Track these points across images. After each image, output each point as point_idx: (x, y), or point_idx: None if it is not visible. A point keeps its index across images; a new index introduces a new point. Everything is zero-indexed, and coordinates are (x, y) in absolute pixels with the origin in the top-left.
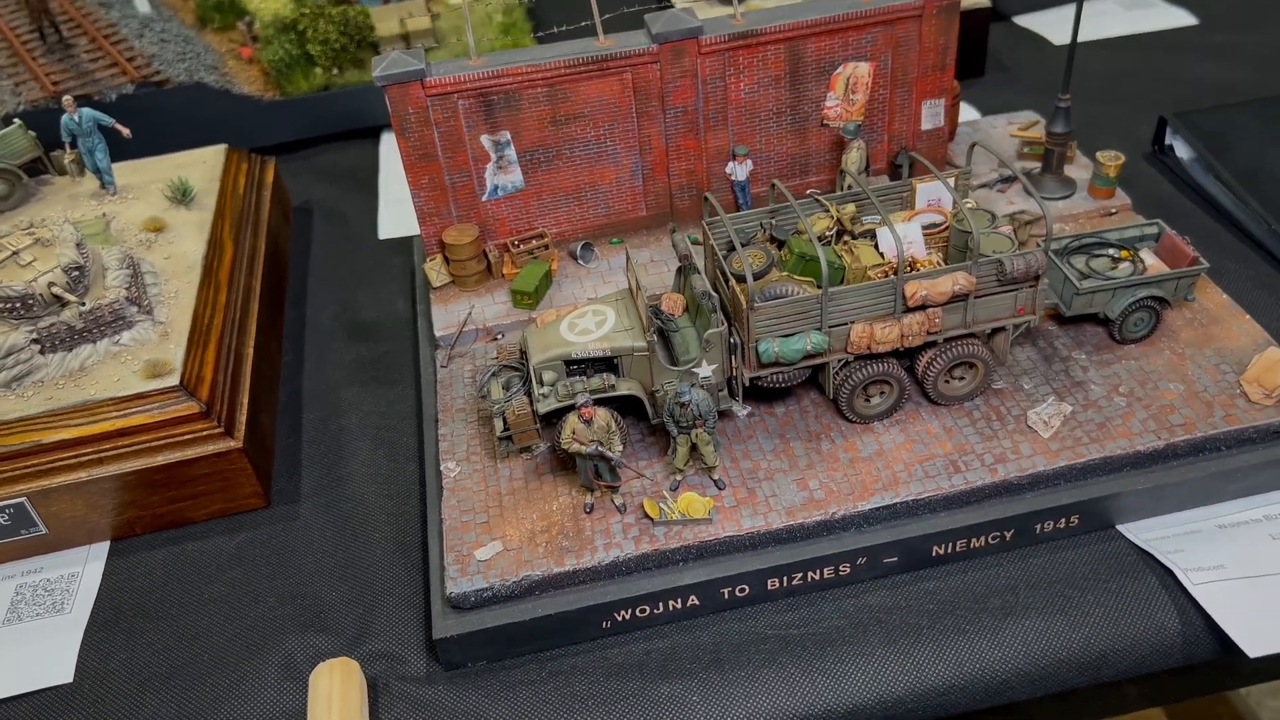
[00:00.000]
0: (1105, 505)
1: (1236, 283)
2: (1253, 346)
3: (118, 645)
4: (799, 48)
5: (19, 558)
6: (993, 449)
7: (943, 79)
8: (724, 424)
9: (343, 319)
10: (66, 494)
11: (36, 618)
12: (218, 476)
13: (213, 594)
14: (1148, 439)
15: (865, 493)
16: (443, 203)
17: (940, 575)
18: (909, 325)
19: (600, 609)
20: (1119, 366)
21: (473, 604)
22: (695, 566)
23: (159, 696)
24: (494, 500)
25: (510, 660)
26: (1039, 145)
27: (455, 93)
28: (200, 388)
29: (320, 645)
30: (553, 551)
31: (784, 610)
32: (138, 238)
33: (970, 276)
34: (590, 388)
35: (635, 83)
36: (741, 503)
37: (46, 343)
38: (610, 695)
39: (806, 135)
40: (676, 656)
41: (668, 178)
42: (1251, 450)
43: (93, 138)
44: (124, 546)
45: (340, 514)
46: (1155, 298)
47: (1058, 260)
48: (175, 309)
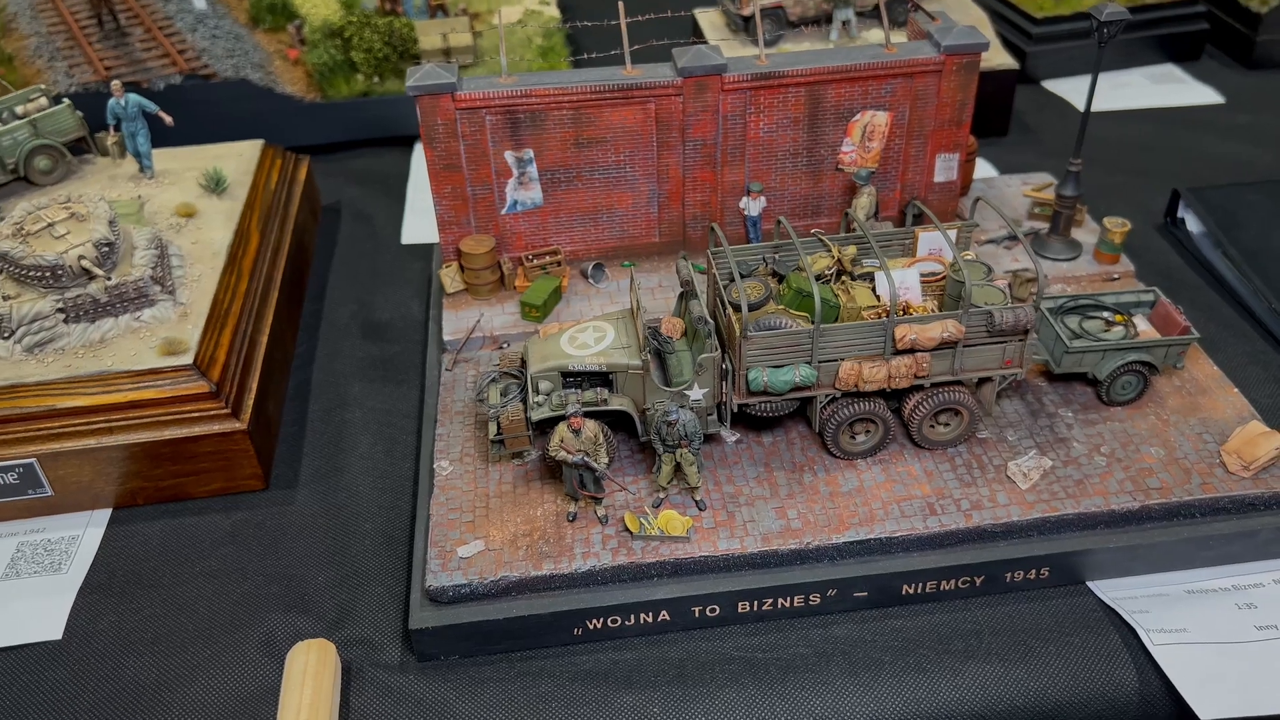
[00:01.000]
0: (1076, 560)
1: (1232, 356)
2: (1237, 419)
3: (108, 608)
4: (819, 92)
5: (23, 517)
6: (970, 495)
7: (958, 134)
8: (711, 448)
9: (358, 316)
10: (75, 459)
11: (34, 575)
12: (220, 456)
13: (204, 568)
14: (1123, 499)
15: (841, 526)
16: (463, 212)
17: (908, 614)
18: (897, 367)
19: (573, 615)
20: (1103, 427)
21: (450, 599)
22: (669, 583)
23: (141, 660)
24: (481, 501)
25: (482, 657)
26: (1049, 206)
27: (484, 108)
28: (212, 369)
29: (301, 626)
30: (532, 555)
31: (752, 633)
32: (169, 221)
33: (960, 325)
34: (583, 400)
35: (658, 113)
36: (720, 525)
37: (71, 313)
38: (574, 700)
39: (820, 177)
40: (643, 669)
41: (682, 207)
42: (1225, 520)
43: (136, 123)
44: (125, 515)
45: (334, 502)
46: (1144, 363)
47: (1051, 318)
48: (196, 292)
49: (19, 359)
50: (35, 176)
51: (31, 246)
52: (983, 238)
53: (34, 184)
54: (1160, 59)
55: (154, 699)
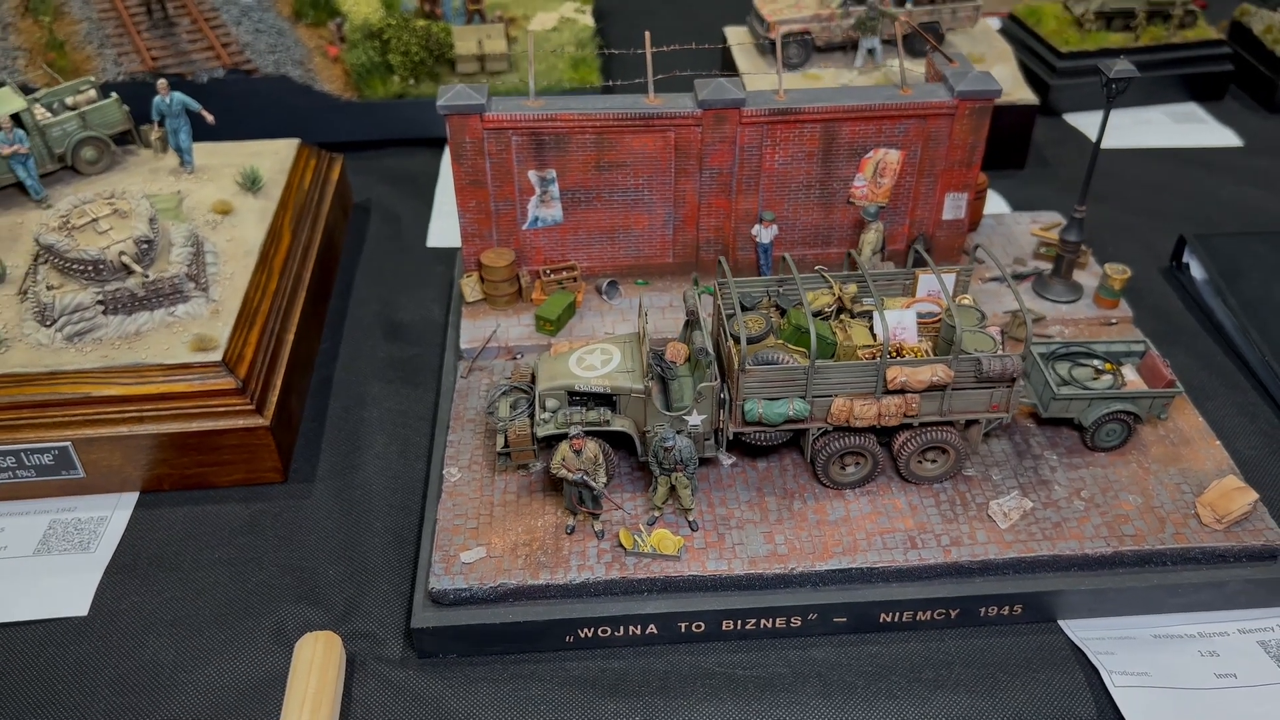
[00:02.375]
0: (1048, 600)
1: (1222, 406)
2: (1215, 471)
3: (132, 588)
4: (834, 129)
5: (57, 495)
6: (950, 531)
7: (968, 175)
8: (707, 471)
9: (381, 317)
10: (107, 445)
11: (64, 552)
12: (243, 449)
13: (222, 555)
14: (1097, 544)
15: (825, 554)
16: (486, 226)
17: (884, 641)
18: (887, 406)
19: (565, 624)
20: (1085, 472)
21: (451, 601)
22: (658, 598)
23: (161, 640)
24: (486, 509)
25: (479, 657)
26: (1054, 248)
27: (510, 129)
28: (240, 366)
29: (310, 617)
30: (530, 564)
31: (734, 651)
32: (205, 218)
33: (949, 370)
34: (587, 419)
35: (677, 141)
36: (710, 546)
37: (110, 305)
38: (561, 704)
39: (832, 210)
40: (628, 678)
41: (697, 231)
42: (1195, 570)
43: (179, 120)
44: (151, 499)
45: (348, 499)
46: (1129, 413)
47: (1042, 363)
48: (229, 290)
49: (59, 347)
50: (81, 166)
51: (76, 240)
52: (987, 275)
53: (80, 173)
54: (1183, 98)
55: (170, 679)
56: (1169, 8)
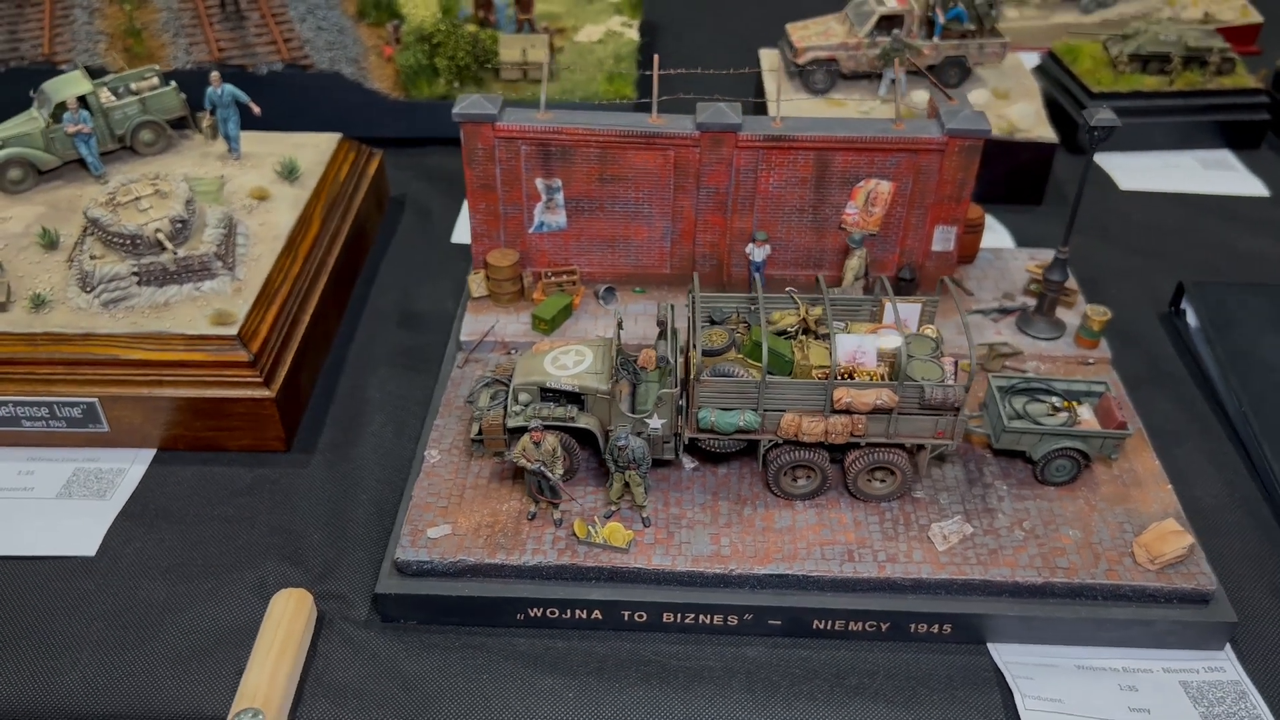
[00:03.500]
0: (977, 622)
1: (1191, 452)
2: (1160, 514)
3: (136, 535)
4: (827, 158)
5: (83, 446)
6: (888, 548)
7: (957, 209)
8: (668, 473)
9: (399, 305)
10: (129, 404)
11: (83, 498)
12: (250, 417)
13: (221, 512)
14: (1029, 573)
15: (765, 559)
16: (494, 227)
17: (816, 646)
18: (834, 424)
19: (515, 602)
20: (1032, 504)
21: (414, 572)
22: (604, 586)
23: (155, 584)
24: (458, 490)
25: (435, 626)
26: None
27: (520, 139)
28: (253, 341)
29: (290, 575)
30: (490, 545)
31: (671, 642)
32: (242, 202)
33: (894, 395)
34: (554, 415)
35: (676, 160)
36: (659, 542)
37: (144, 277)
38: (502, 675)
39: (824, 234)
40: (568, 658)
41: (693, 245)
42: (1125, 606)
43: (229, 109)
44: (166, 456)
45: (341, 471)
46: (1078, 450)
47: (999, 395)
48: (253, 270)
49: (95, 311)
50: (139, 148)
51: (119, 216)
52: (973, 306)
53: (138, 154)
54: (1217, 144)
55: (158, 619)
56: (1205, 53)
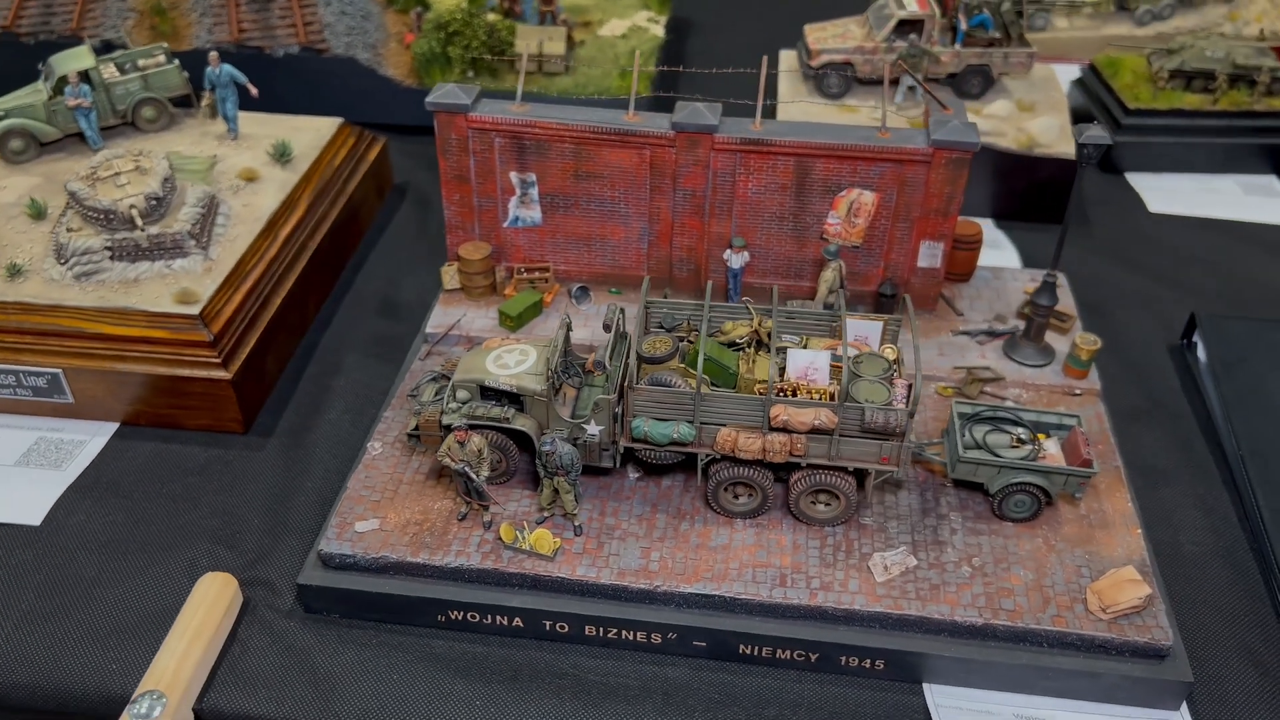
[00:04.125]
0: (912, 660)
1: (1179, 495)
2: (1124, 560)
3: (82, 507)
4: (807, 164)
5: (48, 416)
6: (824, 575)
7: (944, 224)
8: (610, 481)
9: (382, 293)
10: (92, 377)
11: (40, 467)
12: (208, 397)
13: (169, 490)
14: (969, 613)
15: (693, 577)
16: (469, 220)
17: (740, 672)
18: (772, 442)
19: (435, 603)
20: (986, 539)
21: (337, 565)
22: (526, 594)
23: (90, 557)
24: (394, 485)
25: (357, 621)
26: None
27: (493, 131)
28: (215, 322)
29: (223, 558)
30: (415, 543)
31: (591, 656)
32: (230, 182)
33: (833, 415)
34: (489, 414)
35: (653, 160)
36: (587, 552)
37: (117, 252)
38: (413, 676)
39: (805, 243)
40: (484, 664)
41: (670, 249)
42: (1071, 656)
43: (227, 90)
44: (127, 431)
45: (292, 458)
46: (1038, 486)
47: (959, 423)
48: (228, 250)
49: (67, 284)
50: (141, 124)
51: (96, 191)
52: (959, 327)
53: (140, 130)
54: (1263, 169)
55: (87, 593)
56: (1254, 72)
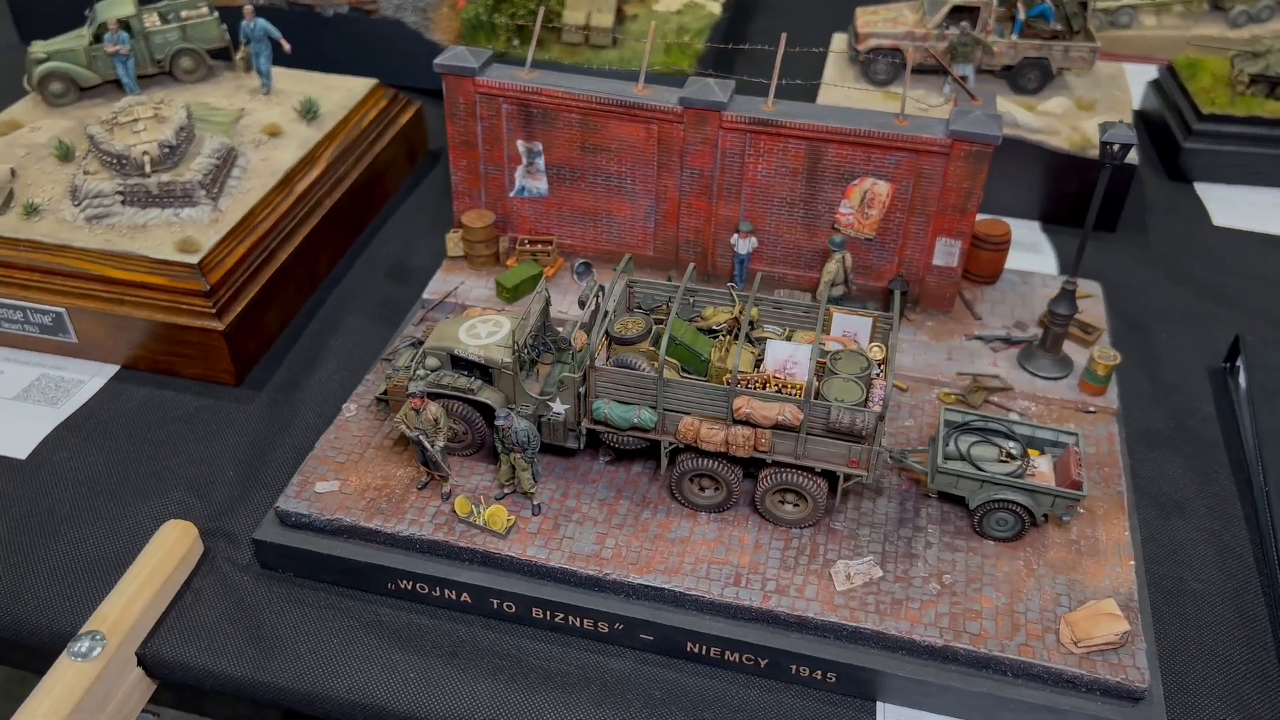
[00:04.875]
0: (866, 676)
1: (1192, 527)
2: (1109, 592)
3: (68, 444)
4: (819, 149)
5: (54, 354)
6: (780, 579)
7: (962, 221)
8: (580, 462)
9: (394, 257)
10: (94, 319)
11: (37, 403)
12: (201, 347)
13: (154, 436)
14: (930, 633)
15: (645, 568)
16: (475, 186)
17: (687, 670)
18: (735, 435)
19: (385, 571)
20: (962, 556)
21: (293, 523)
22: (474, 570)
23: (64, 494)
24: (360, 448)
25: (310, 581)
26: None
27: (500, 96)
28: (214, 273)
29: (191, 506)
30: (370, 509)
31: (536, 639)
32: (253, 136)
33: (798, 412)
34: (456, 384)
35: (660, 135)
36: (541, 533)
37: (128, 197)
38: (354, 642)
39: (815, 232)
40: (427, 637)
41: (677, 229)
42: (1035, 688)
43: (261, 44)
44: (126, 375)
45: (277, 414)
46: (1021, 505)
47: (943, 431)
48: (237, 203)
49: (78, 225)
50: (179, 74)
51: (112, 135)
52: (975, 331)
53: (178, 80)
54: None
55: (55, 529)
56: None
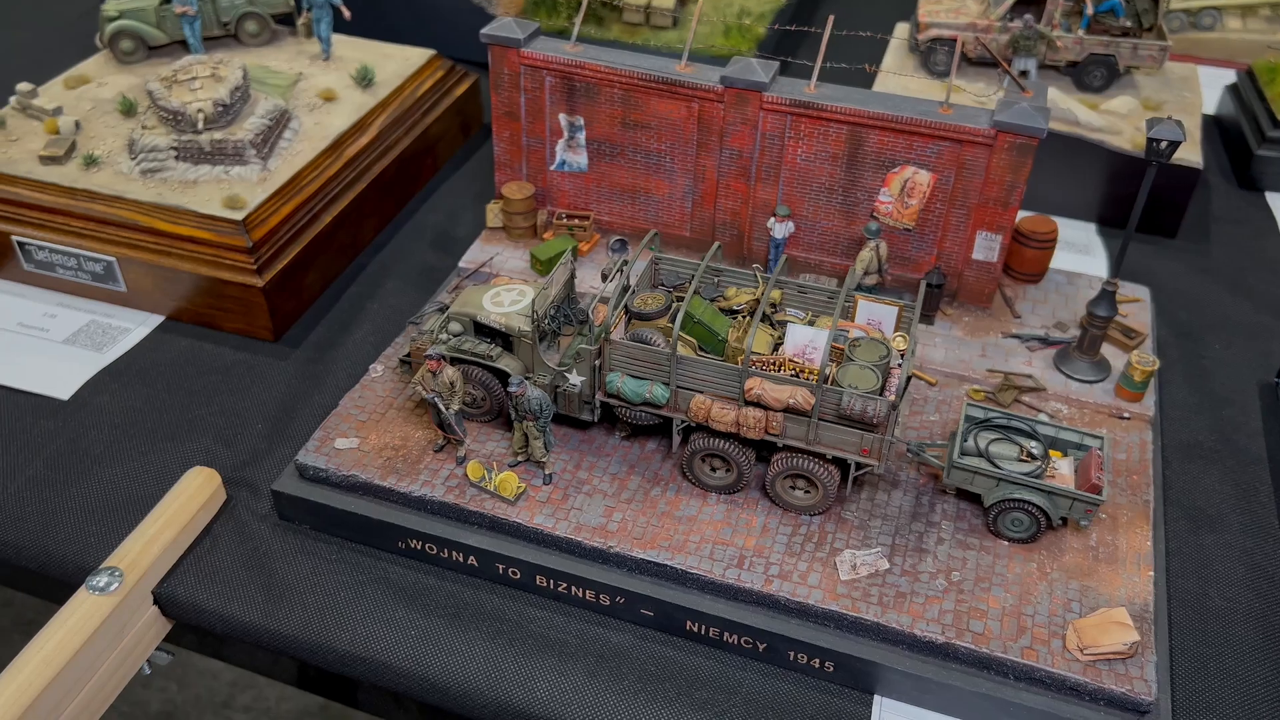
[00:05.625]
0: (864, 668)
1: (1220, 544)
2: (1124, 601)
3: (108, 389)
4: (861, 135)
5: (104, 301)
6: (785, 564)
7: (1004, 216)
8: (595, 435)
9: (438, 226)
10: (142, 269)
11: (84, 347)
12: (242, 302)
13: (191, 386)
14: (931, 629)
15: (650, 544)
16: (517, 158)
17: (685, 648)
18: (746, 416)
19: (394, 529)
20: (973, 554)
21: (311, 477)
22: (482, 534)
23: (99, 435)
24: (383, 408)
25: (325, 535)
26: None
27: (544, 69)
28: (257, 230)
29: (218, 455)
30: (386, 468)
31: (538, 606)
32: (309, 101)
33: (810, 395)
34: (474, 350)
35: (700, 114)
36: (550, 502)
37: (182, 153)
38: (359, 597)
39: (854, 219)
40: (432, 596)
41: (714, 211)
42: (1037, 694)
43: (323, 10)
44: (170, 325)
45: (310, 372)
46: (1037, 507)
47: (963, 426)
48: (286, 164)
49: (134, 178)
50: (244, 38)
51: (170, 93)
52: (1012, 330)
53: (241, 43)
54: None
55: (88, 469)
56: None
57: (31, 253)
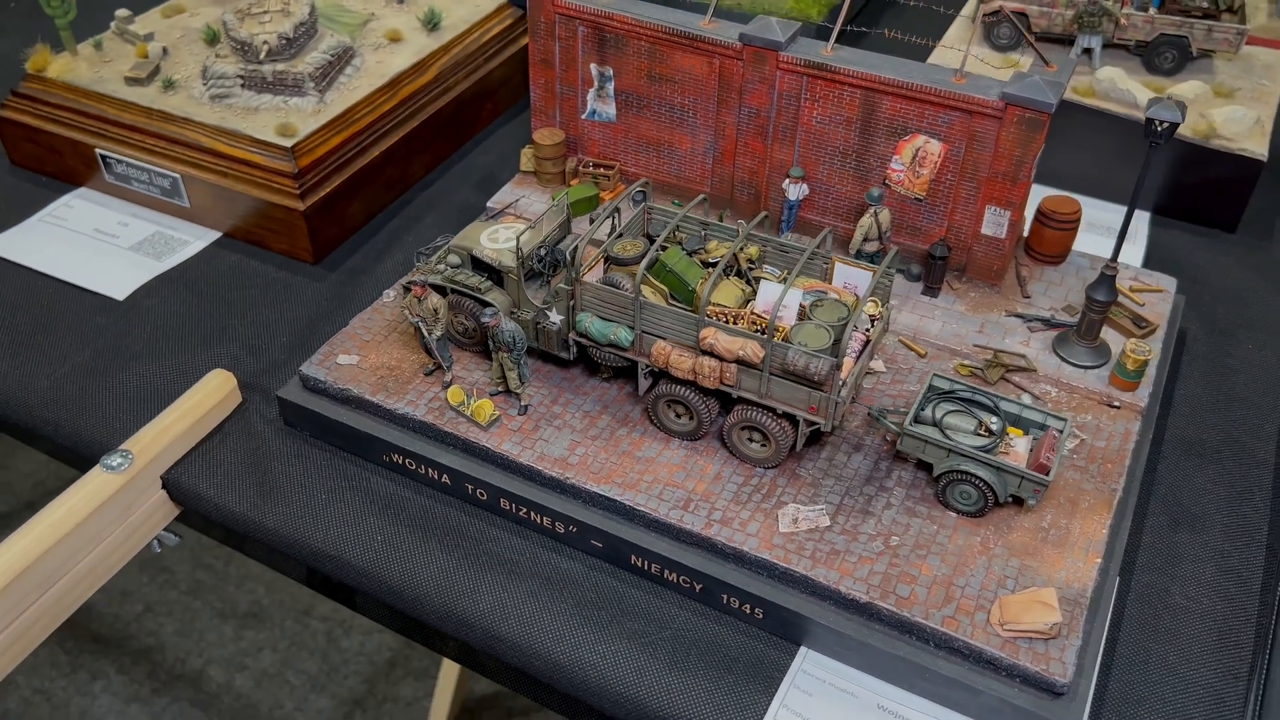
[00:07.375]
0: (789, 618)
1: (1196, 543)
2: (1060, 584)
3: (157, 294)
4: (874, 100)
5: (171, 215)
6: (728, 510)
7: (1013, 191)
8: (576, 374)
9: (488, 169)
10: (203, 187)
11: (146, 255)
12: (285, 224)
13: (230, 297)
14: (857, 587)
15: (605, 479)
16: (551, 105)
17: (629, 581)
18: (702, 365)
19: (379, 443)
20: (918, 522)
21: (310, 387)
22: (455, 454)
23: (139, 332)
24: (386, 331)
25: (321, 442)
26: (1122, 311)
27: (577, 18)
28: (304, 158)
29: (242, 361)
30: (378, 385)
31: (499, 528)
32: (375, 40)
33: (760, 348)
34: (468, 282)
35: (721, 70)
36: (521, 431)
37: (247, 81)
38: (339, 502)
39: (866, 184)
40: (404, 508)
41: (733, 168)
42: (953, 663)
43: None
44: (225, 242)
45: (342, 294)
46: (984, 481)
47: (923, 395)
48: (342, 98)
49: (204, 102)
50: None
51: (242, 24)
52: (1017, 308)
53: None
54: None
55: (121, 363)
56: None
57: (112, 165)
